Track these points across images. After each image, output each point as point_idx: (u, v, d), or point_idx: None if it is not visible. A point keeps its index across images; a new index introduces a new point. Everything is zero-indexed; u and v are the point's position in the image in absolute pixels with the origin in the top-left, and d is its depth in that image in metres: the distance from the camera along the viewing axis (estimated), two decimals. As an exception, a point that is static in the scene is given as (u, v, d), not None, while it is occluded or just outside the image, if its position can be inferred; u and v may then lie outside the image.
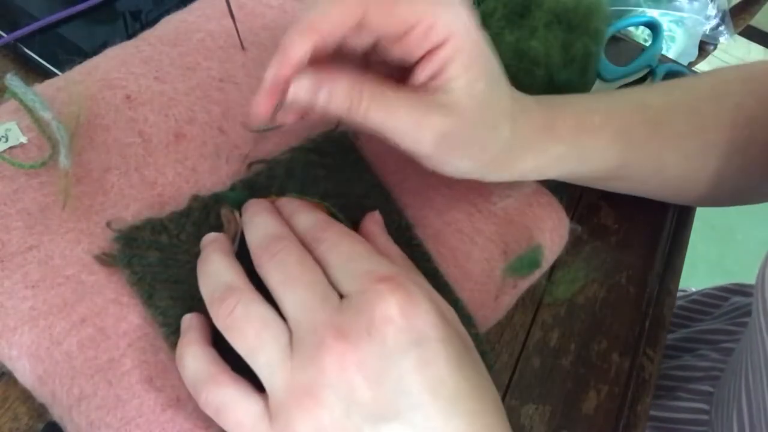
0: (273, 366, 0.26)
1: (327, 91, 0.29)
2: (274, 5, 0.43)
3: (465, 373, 0.27)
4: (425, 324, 0.26)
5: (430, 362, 0.26)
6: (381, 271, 0.27)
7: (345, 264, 0.28)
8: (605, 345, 0.42)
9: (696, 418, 0.47)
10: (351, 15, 0.28)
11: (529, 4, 0.43)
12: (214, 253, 0.30)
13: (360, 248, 0.29)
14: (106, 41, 0.40)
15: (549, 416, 0.39)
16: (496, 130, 0.33)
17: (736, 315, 0.55)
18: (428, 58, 0.30)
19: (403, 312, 0.26)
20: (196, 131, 0.36)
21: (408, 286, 0.27)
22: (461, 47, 0.30)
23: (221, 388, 0.26)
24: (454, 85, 0.30)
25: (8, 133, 0.33)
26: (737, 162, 0.41)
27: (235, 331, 0.27)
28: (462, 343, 0.28)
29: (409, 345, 0.26)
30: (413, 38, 0.29)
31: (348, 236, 0.30)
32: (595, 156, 0.38)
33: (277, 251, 0.28)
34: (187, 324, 0.29)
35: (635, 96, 0.41)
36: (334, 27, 0.28)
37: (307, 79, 0.29)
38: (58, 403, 0.29)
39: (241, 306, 0.27)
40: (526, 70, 0.43)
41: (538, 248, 0.38)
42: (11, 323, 0.30)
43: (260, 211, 0.31)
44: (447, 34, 0.29)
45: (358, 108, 0.29)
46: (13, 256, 0.31)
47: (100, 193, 0.33)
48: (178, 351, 0.28)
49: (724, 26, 1.20)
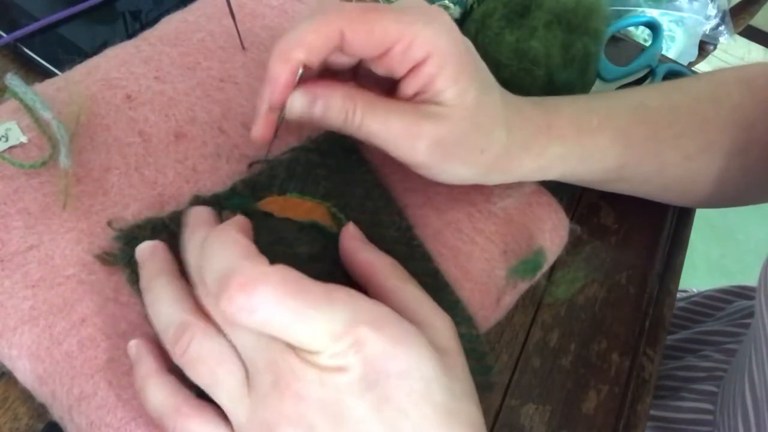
0: (233, 400, 0.25)
1: (322, 104, 0.30)
2: (274, 5, 0.43)
3: (432, 399, 0.25)
4: (381, 361, 0.24)
5: (389, 398, 0.24)
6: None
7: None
8: (605, 345, 0.42)
9: (700, 418, 0.47)
10: (328, 39, 0.29)
11: (529, 4, 0.43)
12: (157, 280, 0.28)
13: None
14: (106, 41, 0.40)
15: (549, 416, 0.39)
16: (491, 134, 0.33)
17: (738, 317, 0.55)
18: (413, 74, 0.30)
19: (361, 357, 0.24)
20: (197, 131, 0.36)
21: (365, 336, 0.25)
22: (445, 61, 0.30)
23: (187, 421, 0.26)
24: (443, 98, 0.31)
25: (8, 132, 0.33)
26: (738, 163, 0.41)
27: (192, 369, 0.26)
28: (433, 367, 0.25)
29: (363, 389, 0.24)
30: (393, 57, 0.30)
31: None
32: (594, 156, 0.38)
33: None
34: (135, 353, 0.28)
35: (634, 97, 0.41)
36: (313, 51, 0.29)
37: (302, 95, 0.30)
38: (59, 403, 0.29)
39: (194, 343, 0.26)
40: (526, 70, 0.43)
41: (540, 251, 0.38)
42: (11, 323, 0.30)
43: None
44: (427, 50, 0.30)
45: (353, 119, 0.30)
46: (13, 256, 0.31)
47: (101, 192, 0.33)
48: (137, 385, 0.27)
49: (724, 26, 1.20)
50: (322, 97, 0.30)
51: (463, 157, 0.33)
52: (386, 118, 0.30)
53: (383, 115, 0.30)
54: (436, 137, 0.31)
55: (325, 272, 0.30)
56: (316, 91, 0.30)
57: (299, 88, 0.30)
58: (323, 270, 0.31)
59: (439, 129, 0.31)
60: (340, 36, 0.29)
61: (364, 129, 0.30)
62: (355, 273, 0.31)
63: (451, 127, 0.31)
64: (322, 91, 0.30)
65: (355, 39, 0.29)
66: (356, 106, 0.30)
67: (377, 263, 0.30)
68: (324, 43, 0.29)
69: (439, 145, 0.31)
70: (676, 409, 0.48)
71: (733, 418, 0.42)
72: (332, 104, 0.30)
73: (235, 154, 0.36)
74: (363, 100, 0.30)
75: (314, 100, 0.30)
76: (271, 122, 0.31)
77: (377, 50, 0.29)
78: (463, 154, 0.33)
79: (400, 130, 0.31)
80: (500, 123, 0.33)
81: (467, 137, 0.32)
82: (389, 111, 0.31)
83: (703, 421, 0.47)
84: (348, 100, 0.30)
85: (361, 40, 0.29)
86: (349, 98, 0.30)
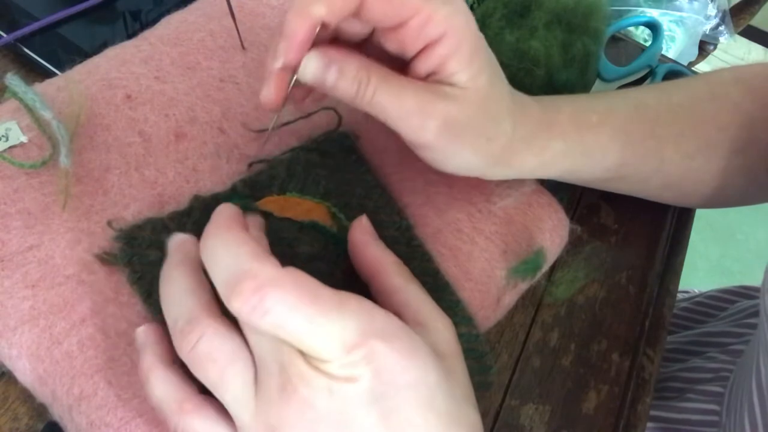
0: (239, 402, 0.25)
1: (337, 70, 0.29)
2: (274, 5, 0.43)
3: (436, 408, 0.25)
4: (390, 374, 0.25)
5: (395, 410, 0.25)
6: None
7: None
8: (605, 345, 0.42)
9: (707, 420, 0.47)
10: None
11: (529, 4, 0.43)
12: (176, 270, 0.28)
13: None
14: (106, 41, 0.40)
15: (549, 416, 0.39)
16: (499, 123, 0.33)
17: (741, 317, 0.55)
18: (426, 53, 0.30)
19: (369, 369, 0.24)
20: (197, 131, 0.36)
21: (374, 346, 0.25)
22: (460, 43, 0.29)
23: (189, 418, 0.26)
24: (457, 79, 0.30)
25: (8, 132, 0.33)
26: (737, 162, 0.41)
27: (198, 367, 0.25)
28: (436, 373, 0.26)
29: (372, 401, 0.24)
30: (410, 31, 0.29)
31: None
32: (595, 153, 0.38)
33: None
34: (143, 339, 0.27)
35: (633, 96, 0.41)
36: (333, 9, 0.28)
37: (317, 58, 0.29)
38: (59, 403, 0.29)
39: (203, 341, 0.25)
40: (526, 70, 0.43)
41: (540, 252, 0.38)
42: (11, 323, 0.30)
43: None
44: (445, 28, 0.29)
45: (366, 90, 0.29)
46: (13, 256, 0.31)
47: (101, 192, 0.33)
48: (141, 375, 0.27)
49: (724, 26, 1.20)
50: (337, 62, 0.29)
51: (471, 142, 0.32)
52: (400, 93, 0.30)
53: (397, 90, 0.30)
54: (447, 117, 0.30)
55: (325, 272, 0.30)
56: (331, 55, 0.29)
57: (314, 50, 0.29)
58: (323, 269, 0.31)
59: (451, 109, 0.30)
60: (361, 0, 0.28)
61: (375, 102, 0.29)
62: (361, 267, 0.31)
63: (463, 109, 0.31)
64: (338, 56, 0.29)
65: (375, 3, 0.28)
66: (371, 77, 0.29)
67: (384, 260, 0.30)
68: (343, 6, 0.28)
69: (448, 126, 0.31)
70: (683, 410, 0.48)
71: (739, 418, 0.42)
72: (347, 71, 0.29)
73: (235, 154, 0.36)
74: (378, 72, 0.29)
75: (329, 65, 0.29)
76: (283, 83, 0.29)
77: (394, 20, 0.29)
78: (471, 139, 0.32)
79: (413, 107, 0.30)
80: (508, 114, 0.33)
81: (477, 122, 0.32)
82: (403, 87, 0.30)
83: (710, 422, 0.47)
84: (363, 70, 0.29)
85: (381, 5, 0.28)
86: (364, 68, 0.29)
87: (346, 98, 0.30)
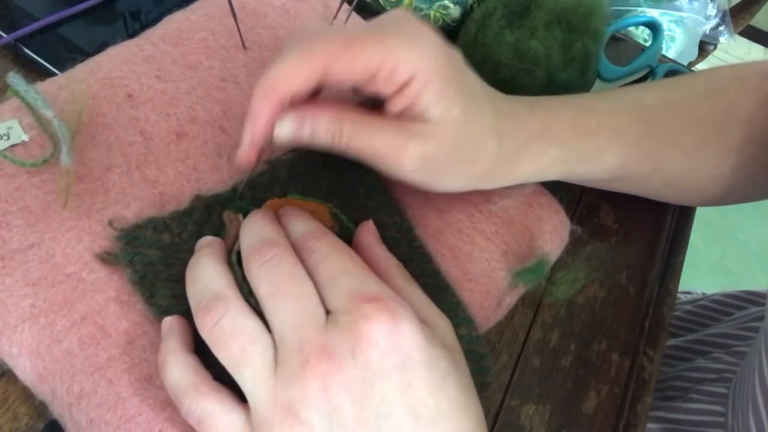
0: (257, 381, 0.26)
1: (309, 127, 0.31)
2: (276, 5, 0.43)
3: (447, 393, 0.27)
4: (410, 347, 0.26)
5: (411, 385, 0.26)
6: (368, 291, 0.27)
7: (333, 280, 0.28)
8: (605, 345, 0.42)
9: (711, 420, 0.47)
10: (312, 70, 0.29)
11: (529, 4, 0.43)
12: (205, 258, 0.29)
13: (349, 265, 0.29)
14: (107, 41, 0.40)
15: (549, 416, 0.39)
16: (481, 145, 0.33)
17: (747, 320, 0.55)
18: (399, 93, 0.31)
19: (388, 335, 0.26)
20: (198, 130, 0.36)
21: (394, 308, 0.26)
22: (428, 81, 0.30)
23: (203, 399, 0.26)
24: (429, 115, 0.31)
25: (10, 131, 0.33)
26: (736, 160, 0.41)
27: (219, 343, 0.27)
28: (448, 362, 0.27)
29: (391, 368, 0.26)
30: (379, 81, 0.30)
31: (338, 250, 0.29)
32: (593, 157, 0.38)
33: (268, 258, 0.28)
34: (168, 328, 0.29)
35: (630, 95, 0.41)
36: (296, 84, 0.29)
37: (290, 120, 0.31)
38: (59, 401, 0.29)
39: (227, 318, 0.27)
40: (526, 70, 0.43)
41: (544, 258, 0.38)
42: (12, 321, 0.30)
43: (257, 217, 0.31)
44: (411, 72, 0.30)
45: (341, 139, 0.31)
46: (14, 254, 0.31)
47: (102, 191, 0.33)
48: (160, 358, 0.28)
49: (724, 26, 1.20)
50: (309, 119, 0.31)
51: (454, 170, 0.33)
52: (372, 137, 0.31)
53: (369, 134, 0.31)
54: (422, 155, 0.32)
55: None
56: (303, 115, 0.31)
57: (287, 114, 0.31)
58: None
59: (425, 147, 0.31)
60: (323, 69, 0.29)
61: (351, 148, 0.31)
62: None
63: (438, 143, 0.32)
64: (311, 112, 0.31)
65: (338, 72, 0.30)
66: (343, 126, 0.31)
67: (388, 262, 0.31)
68: (306, 80, 0.29)
69: (426, 162, 0.32)
70: (687, 411, 0.48)
71: (744, 420, 0.42)
72: (319, 126, 0.31)
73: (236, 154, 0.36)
74: (350, 120, 0.31)
75: (302, 123, 0.31)
76: (255, 149, 0.31)
77: (363, 77, 0.30)
78: (454, 167, 0.33)
79: (387, 149, 0.31)
80: (490, 133, 0.34)
81: (456, 151, 0.33)
82: (374, 131, 0.31)
83: (714, 423, 0.47)
84: (335, 122, 0.31)
85: (344, 72, 0.30)
86: (336, 120, 0.31)
87: (322, 147, 0.32)
